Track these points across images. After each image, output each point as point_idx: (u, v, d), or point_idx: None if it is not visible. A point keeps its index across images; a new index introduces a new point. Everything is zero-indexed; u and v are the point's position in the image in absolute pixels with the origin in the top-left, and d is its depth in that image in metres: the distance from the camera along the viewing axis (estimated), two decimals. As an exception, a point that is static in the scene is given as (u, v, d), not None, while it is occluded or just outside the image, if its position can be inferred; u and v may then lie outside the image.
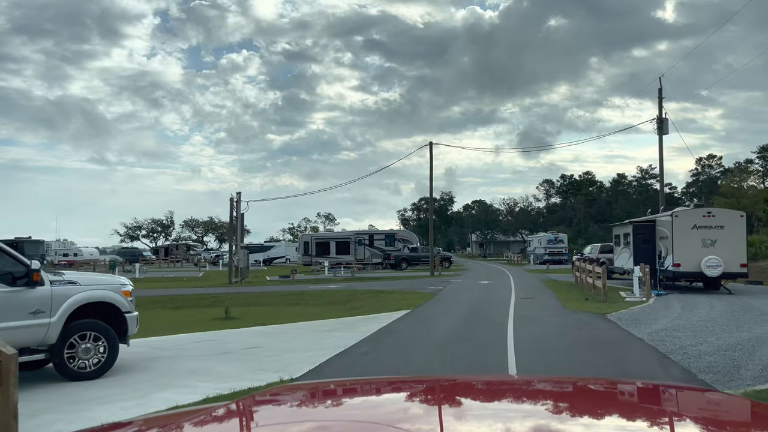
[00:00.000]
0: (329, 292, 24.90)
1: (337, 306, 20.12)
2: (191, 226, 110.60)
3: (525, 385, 2.24)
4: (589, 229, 77.35)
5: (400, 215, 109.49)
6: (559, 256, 56.07)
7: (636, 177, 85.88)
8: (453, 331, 12.28)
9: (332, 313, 17.98)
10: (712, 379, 7.69)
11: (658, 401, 1.97)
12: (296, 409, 1.88)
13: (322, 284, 30.14)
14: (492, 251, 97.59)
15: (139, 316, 9.18)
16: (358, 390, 2.24)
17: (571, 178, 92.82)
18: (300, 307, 20.34)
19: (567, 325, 13.19)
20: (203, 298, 23.91)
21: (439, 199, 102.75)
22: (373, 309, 17.82)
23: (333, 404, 1.94)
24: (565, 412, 1.72)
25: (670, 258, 20.69)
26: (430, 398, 1.94)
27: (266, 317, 17.30)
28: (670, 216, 20.74)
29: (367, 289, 25.35)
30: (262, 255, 69.26)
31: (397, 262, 48.75)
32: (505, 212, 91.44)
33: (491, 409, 1.78)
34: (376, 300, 21.05)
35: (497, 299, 19.53)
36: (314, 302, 21.76)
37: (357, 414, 1.77)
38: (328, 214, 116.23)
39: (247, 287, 29.26)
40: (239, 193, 30.65)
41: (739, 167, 65.04)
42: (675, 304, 16.94)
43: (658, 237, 21.90)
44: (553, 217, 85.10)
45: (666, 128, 33.48)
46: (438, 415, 1.65)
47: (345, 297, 22.68)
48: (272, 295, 24.41)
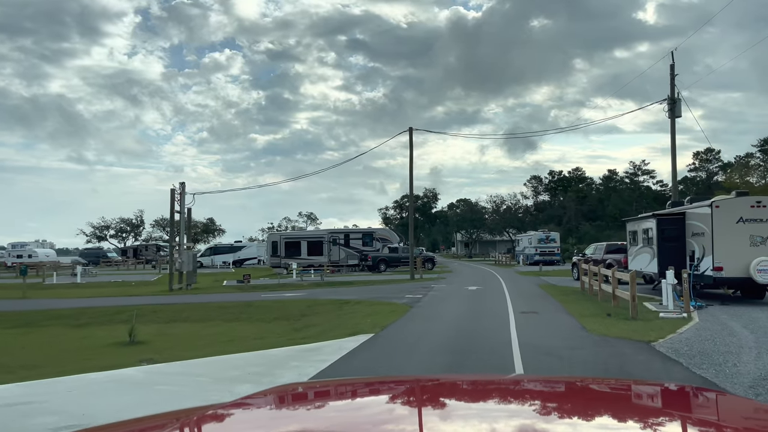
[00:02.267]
0: (283, 303, 20.24)
1: (283, 323, 15.61)
2: (162, 226, 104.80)
3: (513, 385, 2.22)
4: (581, 227, 73.31)
5: (382, 213, 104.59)
6: (551, 257, 51.77)
7: (628, 173, 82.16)
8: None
9: (271, 334, 13.63)
10: None
11: (651, 401, 1.90)
12: (295, 409, 1.87)
13: (281, 291, 25.43)
14: (478, 251, 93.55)
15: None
16: (362, 390, 2.21)
17: (560, 174, 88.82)
18: (237, 325, 15.86)
19: (604, 364, 8.69)
20: (123, 310, 19.18)
21: (423, 196, 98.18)
22: (324, 331, 13.25)
23: (338, 404, 1.93)
24: (555, 413, 1.67)
25: (708, 260, 16.31)
26: (426, 398, 1.93)
27: (180, 342, 13.29)
28: (709, 206, 16.31)
29: (330, 299, 20.72)
30: (232, 256, 64.15)
31: (375, 263, 44.10)
32: (492, 210, 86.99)
33: (476, 409, 1.75)
34: (336, 315, 16.46)
35: (491, 315, 14.99)
36: (258, 317, 17.23)
37: (354, 415, 1.74)
38: (310, 213, 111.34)
39: (190, 295, 24.48)
40: (183, 183, 25.97)
41: (740, 161, 61.25)
42: (731, 323, 12.54)
43: (690, 233, 17.51)
44: (542, 215, 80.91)
45: (678, 110, 29.25)
46: (438, 416, 1.64)
47: (299, 310, 18.07)
48: (211, 307, 19.70)
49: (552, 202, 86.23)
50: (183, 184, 25.80)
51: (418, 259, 40.01)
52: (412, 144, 32.87)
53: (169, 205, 25.11)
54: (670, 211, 19.08)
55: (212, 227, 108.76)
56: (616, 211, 75.72)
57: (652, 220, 18.80)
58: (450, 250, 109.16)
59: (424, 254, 51.10)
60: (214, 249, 66.76)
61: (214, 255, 64.80)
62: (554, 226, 67.98)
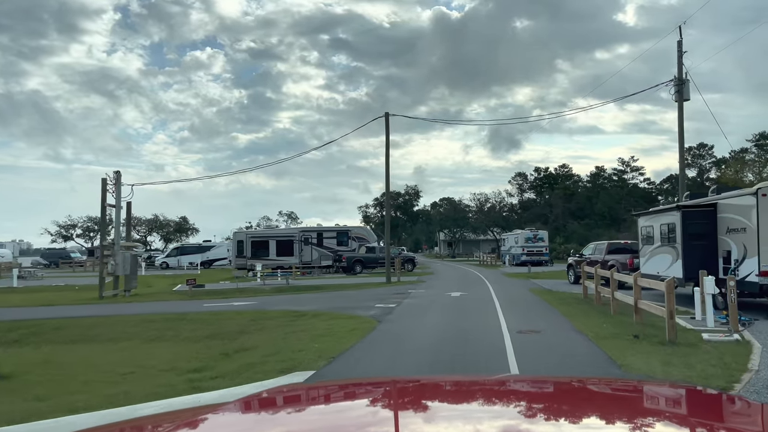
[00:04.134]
0: (226, 316, 16.57)
1: (214, 344, 12.22)
2: (133, 225, 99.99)
3: (498, 386, 2.19)
4: (568, 226, 70.27)
5: (362, 211, 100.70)
6: (539, 257, 48.41)
7: (616, 170, 79.39)
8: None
9: (190, 360, 10.40)
10: None
11: (641, 401, 1.87)
12: (295, 408, 1.85)
13: (233, 299, 21.69)
14: (461, 251, 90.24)
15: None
16: (358, 391, 2.17)
17: (546, 171, 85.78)
18: (155, 346, 12.56)
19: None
20: (20, 326, 15.51)
21: (404, 194, 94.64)
22: (254, 363, 9.67)
23: (335, 405, 1.88)
24: (542, 414, 1.63)
25: (752, 262, 12.95)
26: (420, 399, 1.90)
27: (62, 375, 10.00)
28: (754, 195, 12.90)
29: (285, 311, 17.06)
30: (200, 256, 60.02)
31: (350, 264, 40.45)
32: (476, 209, 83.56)
33: (461, 410, 1.72)
34: (282, 334, 12.85)
35: (479, 337, 11.44)
36: (187, 335, 13.72)
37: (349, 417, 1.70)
38: (291, 212, 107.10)
39: (122, 304, 20.66)
40: (117, 172, 22.07)
41: (735, 156, 58.59)
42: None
43: (725, 229, 14.14)
44: (528, 214, 77.71)
45: (687, 93, 26.02)
46: (429, 417, 1.62)
47: (240, 325, 14.46)
48: (134, 321, 15.97)
49: (538, 200, 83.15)
50: (118, 173, 21.93)
51: (397, 259, 36.46)
52: (388, 129, 29.33)
53: (100, 198, 21.24)
54: (698, 203, 15.66)
55: (185, 226, 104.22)
56: (605, 209, 72.84)
57: (676, 213, 15.32)
58: (433, 250, 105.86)
59: (403, 254, 47.55)
60: (180, 249, 62.54)
61: (180, 255, 60.71)
62: (541, 225, 64.76)
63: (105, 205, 21.53)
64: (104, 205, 21.50)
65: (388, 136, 29.28)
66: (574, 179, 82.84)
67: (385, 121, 29.30)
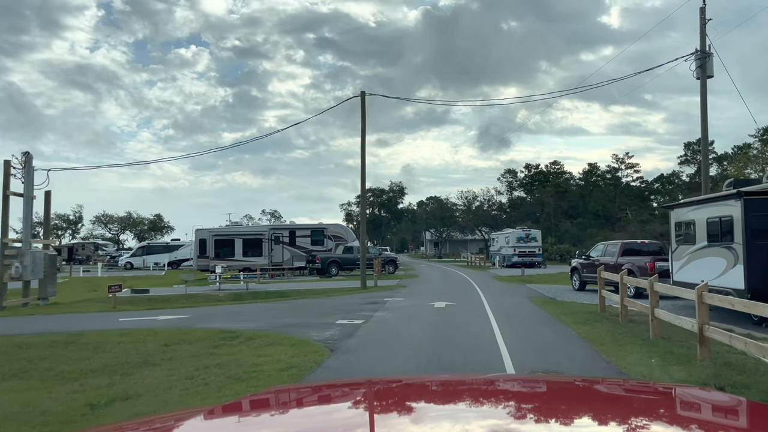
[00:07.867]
0: (136, 336, 12.48)
1: (93, 384, 8.39)
2: (104, 223, 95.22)
3: (487, 385, 2.13)
4: (561, 225, 66.72)
5: (345, 209, 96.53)
6: (531, 258, 44.71)
7: (610, 167, 76.04)
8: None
9: (14, 428, 6.09)
10: None
11: (634, 400, 1.77)
12: (294, 408, 1.82)
13: (164, 311, 17.61)
14: (448, 251, 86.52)
15: None
16: (354, 391, 2.09)
17: (537, 168, 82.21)
18: (9, 386, 8.33)
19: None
20: None
21: (388, 190, 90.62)
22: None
23: (332, 406, 1.83)
24: (532, 414, 1.56)
25: None
26: (409, 399, 1.85)
27: None
28: None
29: (215, 329, 13.02)
30: (167, 256, 55.69)
31: (325, 266, 36.42)
32: (464, 207, 79.78)
33: (450, 410, 1.65)
34: (191, 370, 8.85)
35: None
36: (63, 368, 9.90)
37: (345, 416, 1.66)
38: (274, 211, 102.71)
39: (19, 317, 16.49)
40: (27, 153, 17.84)
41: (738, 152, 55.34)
42: None
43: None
44: (518, 213, 74.07)
45: (711, 69, 22.34)
46: (420, 417, 1.59)
47: (146, 353, 10.46)
48: (7, 344, 11.83)
49: (528, 198, 79.56)
50: (27, 155, 17.77)
51: (377, 261, 32.54)
52: (364, 110, 25.38)
53: (1, 185, 17.06)
54: (763, 188, 11.79)
55: (160, 224, 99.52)
56: (599, 208, 69.46)
57: (735, 203, 11.44)
58: (419, 250, 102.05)
59: (384, 255, 43.59)
60: (146, 248, 57.92)
61: (146, 255, 56.29)
62: (531, 224, 61.14)
63: (7, 194, 17.35)
64: (6, 193, 17.31)
65: (364, 116, 25.33)
66: (566, 177, 79.33)
67: (360, 101, 25.36)
